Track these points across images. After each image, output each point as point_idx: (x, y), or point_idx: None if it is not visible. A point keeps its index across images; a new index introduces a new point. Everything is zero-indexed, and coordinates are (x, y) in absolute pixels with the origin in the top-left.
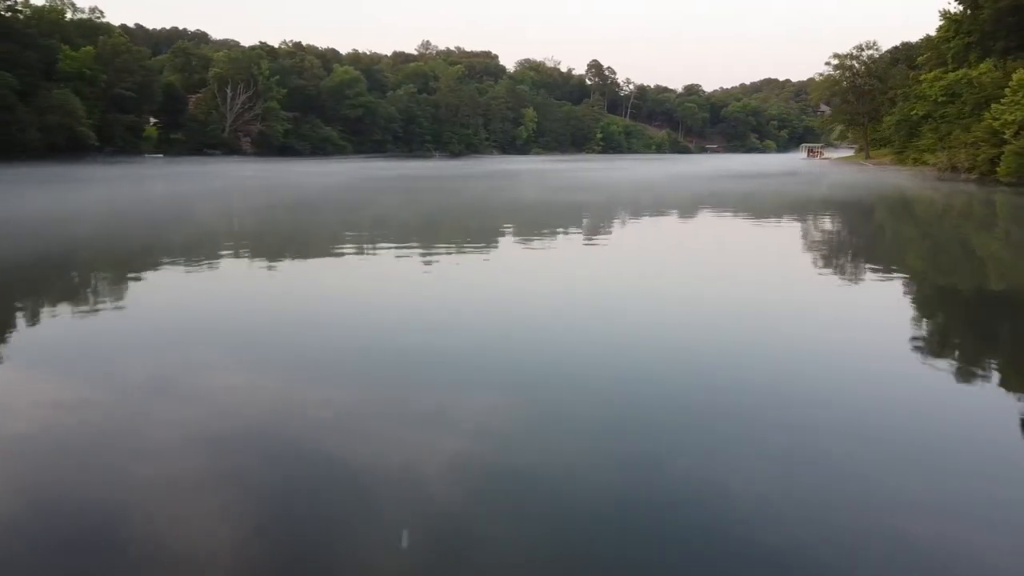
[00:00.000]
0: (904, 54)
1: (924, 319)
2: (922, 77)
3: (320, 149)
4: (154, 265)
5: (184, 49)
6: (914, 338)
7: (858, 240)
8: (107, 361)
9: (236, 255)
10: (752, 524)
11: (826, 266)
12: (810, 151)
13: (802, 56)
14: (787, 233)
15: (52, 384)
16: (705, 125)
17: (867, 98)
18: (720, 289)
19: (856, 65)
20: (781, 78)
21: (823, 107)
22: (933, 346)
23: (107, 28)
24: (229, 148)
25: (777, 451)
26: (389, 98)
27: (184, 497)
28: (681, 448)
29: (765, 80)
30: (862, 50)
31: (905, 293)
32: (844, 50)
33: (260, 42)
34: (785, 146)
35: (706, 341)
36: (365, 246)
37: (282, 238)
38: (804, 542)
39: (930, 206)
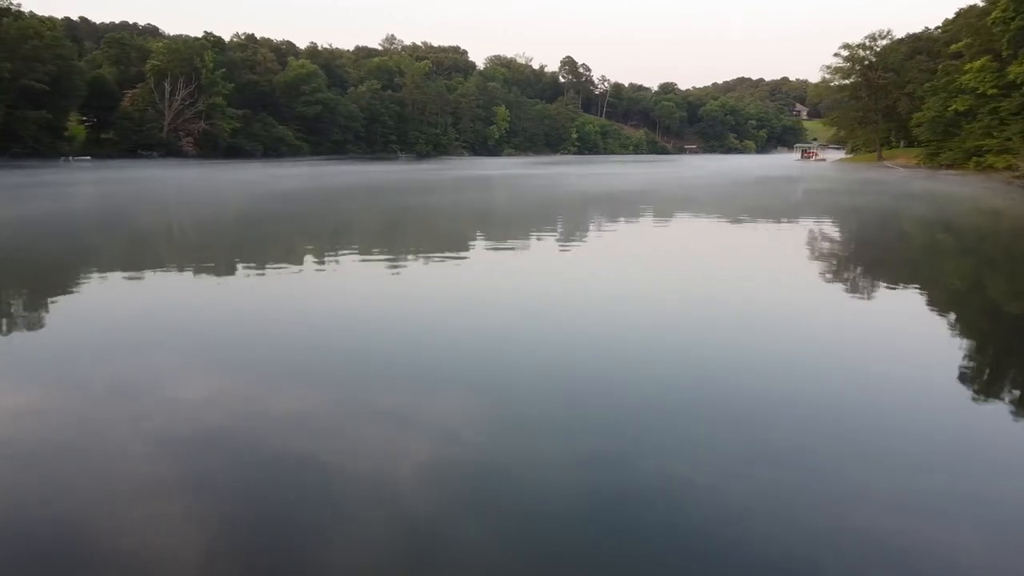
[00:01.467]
0: (925, 45)
1: (907, 324)
2: (966, 67)
3: (273, 150)
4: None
5: (119, 40)
6: (889, 340)
7: None
8: (63, 368)
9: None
10: (721, 521)
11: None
12: (805, 152)
13: (775, 55)
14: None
15: (6, 393)
16: (683, 125)
17: (881, 93)
18: (696, 289)
19: (870, 57)
20: (754, 77)
21: (798, 107)
22: (907, 347)
23: (8, 11)
24: (168, 149)
25: (746, 449)
26: (350, 95)
27: (147, 504)
28: (650, 447)
29: (738, 79)
30: (875, 40)
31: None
32: (855, 40)
33: (205, 32)
34: (763, 147)
35: (678, 343)
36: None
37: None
38: (773, 538)
39: None
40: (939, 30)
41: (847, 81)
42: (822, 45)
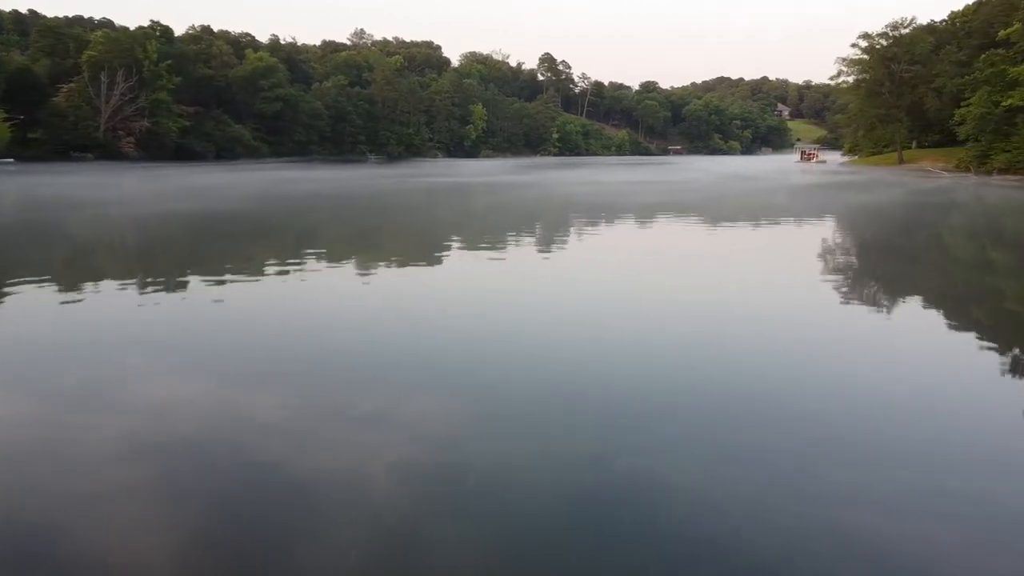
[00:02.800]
0: (944, 37)
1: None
2: None
3: (227, 151)
4: None
5: (52, 28)
6: (853, 333)
7: None
8: (31, 373)
9: None
10: (696, 520)
11: None
12: (805, 153)
13: (753, 55)
14: None
15: None
16: (667, 125)
17: (906, 88)
18: (667, 292)
19: (893, 49)
20: (734, 76)
21: (780, 107)
22: (874, 340)
23: None
24: (107, 150)
25: (719, 449)
26: (315, 91)
27: (118, 509)
28: (625, 448)
29: (718, 79)
30: (896, 29)
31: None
32: (875, 29)
33: (152, 21)
34: (748, 147)
35: (650, 344)
36: None
37: None
38: (747, 537)
39: None
40: (945, 22)
41: (865, 75)
42: (801, 45)
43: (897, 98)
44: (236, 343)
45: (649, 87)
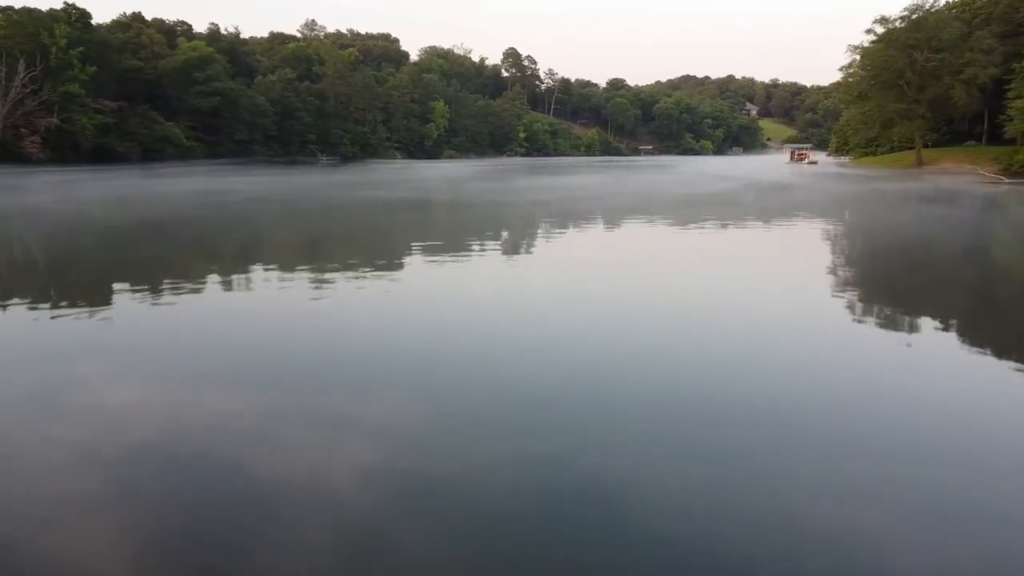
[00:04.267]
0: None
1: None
2: None
3: (155, 152)
4: None
5: None
6: (816, 327)
7: None
8: None
9: None
10: (659, 516)
11: None
12: (796, 153)
13: (717, 54)
14: None
15: None
16: (637, 124)
17: (929, 79)
18: (632, 291)
19: (917, 35)
20: (699, 75)
21: (748, 106)
22: (834, 335)
23: None
24: (7, 151)
25: (681, 445)
26: (258, 85)
27: (74, 520)
28: (589, 446)
29: (684, 77)
30: (916, 11)
31: None
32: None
33: (66, 3)
34: (720, 147)
35: (613, 343)
36: None
37: None
38: (709, 531)
39: None
40: (954, 11)
41: (880, 66)
42: (767, 44)
43: (919, 91)
44: None
45: (617, 84)
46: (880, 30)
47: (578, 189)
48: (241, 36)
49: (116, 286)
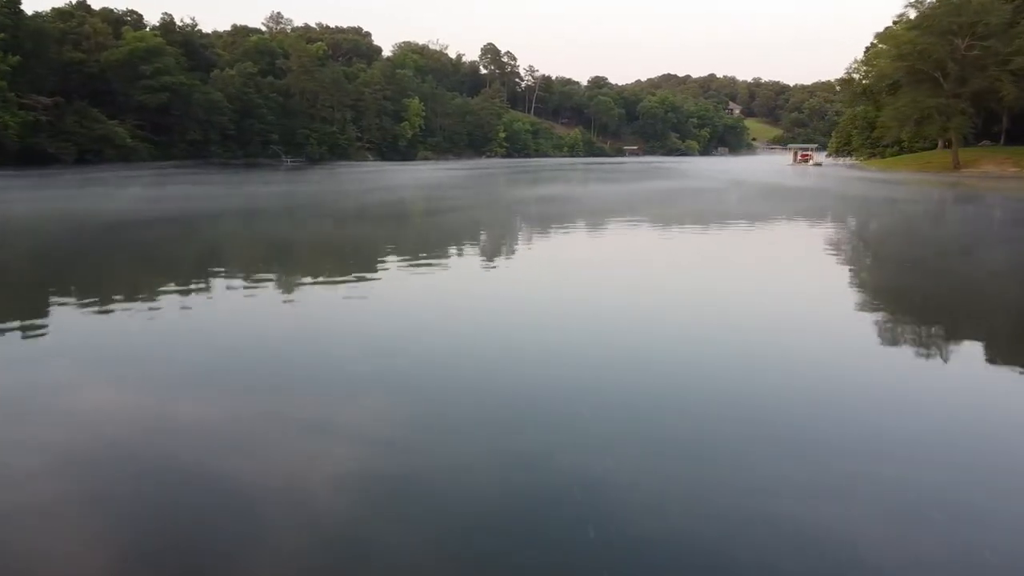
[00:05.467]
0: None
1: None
2: None
3: (94, 154)
4: None
5: None
6: (795, 324)
7: None
8: None
9: None
10: (638, 515)
11: None
12: (801, 154)
13: (697, 53)
14: None
15: None
16: (621, 123)
17: (972, 71)
18: (600, 287)
19: (957, 21)
20: (680, 74)
21: (731, 105)
22: (811, 333)
23: None
24: None
25: (658, 444)
26: (215, 79)
27: (46, 523)
28: (567, 446)
29: (664, 76)
30: None
31: None
32: None
33: None
34: (706, 147)
35: (587, 342)
36: None
37: None
38: (688, 530)
39: None
40: None
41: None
42: (749, 43)
43: (959, 83)
44: None
45: (599, 83)
46: (913, 14)
47: (605, 206)
48: (201, 29)
49: None
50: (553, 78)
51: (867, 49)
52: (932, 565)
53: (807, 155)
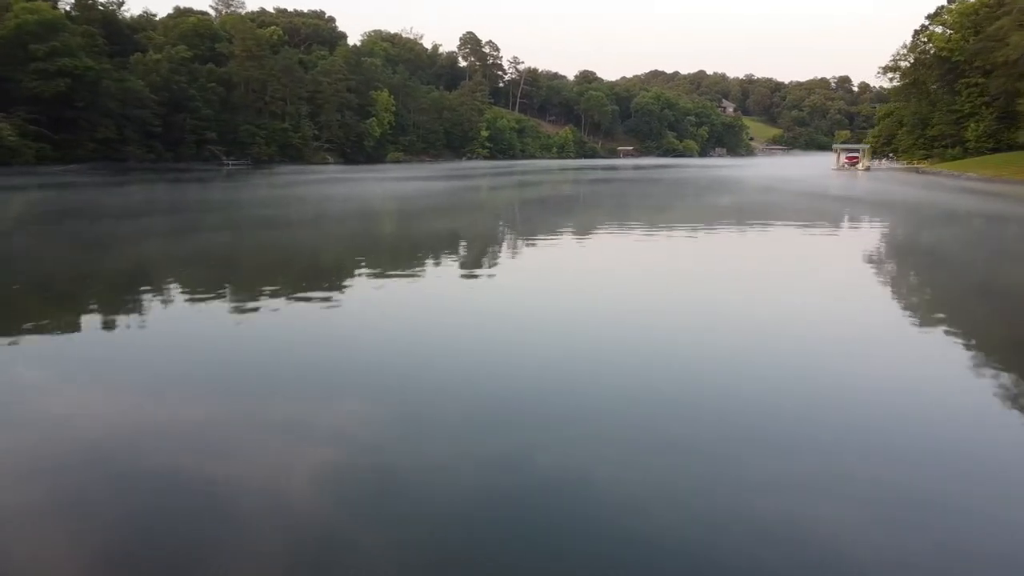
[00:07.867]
0: None
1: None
2: None
3: None
4: None
5: None
6: (777, 321)
7: None
8: None
9: None
10: (621, 513)
11: None
12: (847, 159)
13: (685, 48)
14: None
15: None
16: (614, 121)
17: None
18: (576, 289)
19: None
20: (668, 70)
21: (724, 102)
22: (797, 330)
23: None
24: None
25: (638, 441)
26: (134, 65)
27: (22, 529)
28: (549, 444)
29: (652, 72)
30: None
31: None
32: None
33: None
34: (704, 148)
35: (565, 342)
36: None
37: None
38: (669, 527)
39: None
40: None
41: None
42: (735, 41)
43: (1005, 79)
44: None
45: (589, 77)
46: (954, 7)
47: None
48: (130, 12)
49: None
50: (540, 71)
51: (917, 33)
52: (923, 567)
53: (854, 158)
